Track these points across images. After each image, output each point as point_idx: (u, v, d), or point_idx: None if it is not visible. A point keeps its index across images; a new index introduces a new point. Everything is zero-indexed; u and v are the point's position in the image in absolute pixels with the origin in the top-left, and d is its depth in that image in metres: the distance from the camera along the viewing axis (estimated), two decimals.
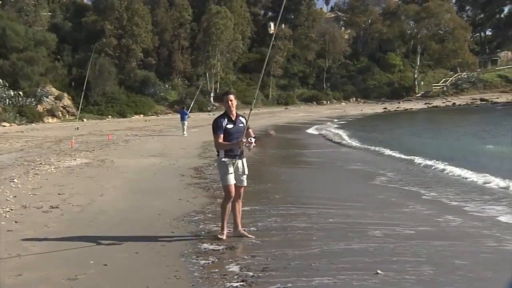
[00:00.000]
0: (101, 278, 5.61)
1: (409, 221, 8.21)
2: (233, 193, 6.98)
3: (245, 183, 7.17)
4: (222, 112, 7.20)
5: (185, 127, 29.66)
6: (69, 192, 10.85)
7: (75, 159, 17.23)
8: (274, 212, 8.85)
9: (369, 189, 11.70)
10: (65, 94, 53.81)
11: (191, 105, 37.62)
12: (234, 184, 6.99)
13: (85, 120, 49.04)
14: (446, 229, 7.79)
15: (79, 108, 31.08)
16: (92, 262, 6.08)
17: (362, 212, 9.05)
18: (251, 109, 7.19)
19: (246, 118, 7.09)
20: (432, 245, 6.79)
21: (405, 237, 7.24)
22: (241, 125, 7.01)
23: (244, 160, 7.13)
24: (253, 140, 6.88)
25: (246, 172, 7.14)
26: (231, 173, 6.93)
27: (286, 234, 7.35)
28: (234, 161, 6.93)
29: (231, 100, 7.00)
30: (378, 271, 5.56)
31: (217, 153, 7.10)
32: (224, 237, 6.96)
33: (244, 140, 6.83)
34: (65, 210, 9.11)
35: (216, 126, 6.95)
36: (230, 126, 6.94)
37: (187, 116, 30.29)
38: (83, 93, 27.46)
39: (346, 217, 8.57)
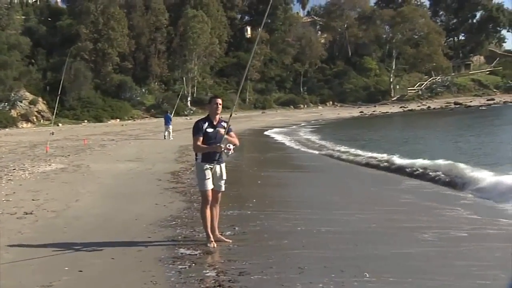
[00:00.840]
0: (76, 285, 5.54)
1: (462, 224, 8.01)
2: (210, 198, 6.95)
3: (223, 188, 7.13)
4: (203, 116, 7.21)
5: (171, 131, 29.86)
6: (44, 198, 10.70)
7: (50, 165, 17.01)
8: (252, 216, 8.85)
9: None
10: (40, 99, 53.17)
11: (174, 110, 37.66)
12: (212, 189, 6.96)
13: (60, 125, 48.47)
14: (508, 232, 7.51)
15: (54, 113, 30.70)
16: (67, 268, 5.99)
17: (405, 216, 8.84)
18: (230, 114, 7.15)
19: (228, 122, 7.04)
20: (496, 248, 6.65)
21: (460, 240, 7.08)
22: (222, 130, 6.99)
23: (223, 165, 7.10)
24: (231, 146, 6.86)
25: (224, 177, 7.10)
26: (209, 178, 6.88)
27: (264, 239, 7.35)
28: (212, 166, 6.89)
29: (220, 104, 7.02)
30: (366, 274, 5.54)
31: (195, 157, 7.08)
32: (214, 245, 6.83)
33: (223, 146, 6.80)
34: (40, 216, 8.98)
35: (196, 128, 6.93)
36: (210, 130, 6.91)
37: (171, 120, 30.52)
38: (58, 97, 27.15)
39: (388, 221, 8.43)
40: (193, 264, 6.09)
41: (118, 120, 56.84)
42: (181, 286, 5.39)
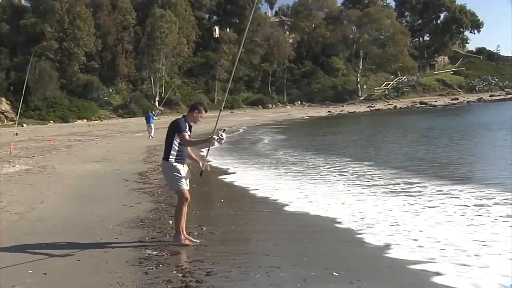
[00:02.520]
0: None
1: None
2: (188, 196, 6.99)
3: (188, 187, 7.17)
4: (180, 116, 7.26)
5: (153, 129, 30.53)
6: (7, 200, 10.48)
7: (13, 166, 16.68)
8: (220, 216, 8.85)
9: None
10: (3, 99, 52.19)
11: (156, 111, 37.97)
12: None
13: (25, 125, 47.54)
14: None
15: (18, 113, 30.15)
16: (30, 271, 5.89)
17: None
18: (219, 114, 7.34)
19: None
20: None
21: None
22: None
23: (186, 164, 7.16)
24: (224, 135, 7.00)
25: (189, 176, 7.15)
26: (184, 178, 6.94)
27: (232, 239, 7.35)
28: (184, 166, 6.96)
29: (203, 117, 7.13)
30: (334, 273, 5.59)
31: (168, 158, 7.01)
32: (188, 242, 6.89)
33: (215, 136, 6.90)
34: (2, 218, 8.79)
35: (181, 126, 6.92)
36: (189, 133, 6.98)
37: (152, 119, 31.42)
38: (22, 97, 26.60)
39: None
40: (160, 265, 6.06)
41: (85, 120, 56.11)
42: (148, 287, 5.36)
